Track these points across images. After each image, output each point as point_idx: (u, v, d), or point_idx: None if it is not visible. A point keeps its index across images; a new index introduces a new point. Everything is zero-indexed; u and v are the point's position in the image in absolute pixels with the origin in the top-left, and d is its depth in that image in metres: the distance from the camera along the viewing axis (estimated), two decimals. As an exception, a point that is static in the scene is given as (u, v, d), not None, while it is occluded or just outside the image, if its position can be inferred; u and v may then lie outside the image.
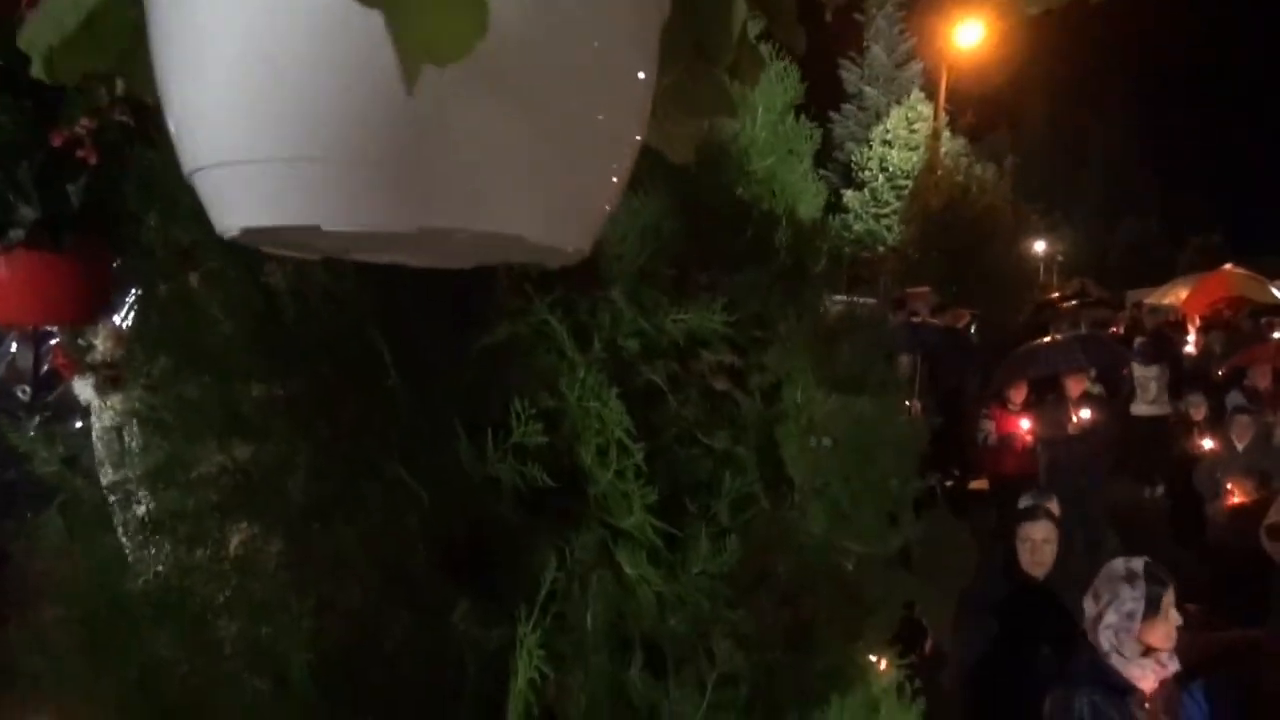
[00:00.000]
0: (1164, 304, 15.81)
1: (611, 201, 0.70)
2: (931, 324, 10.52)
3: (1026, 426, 7.72)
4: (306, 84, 0.56)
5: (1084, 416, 7.54)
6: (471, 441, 1.55)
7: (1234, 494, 6.76)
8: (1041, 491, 5.38)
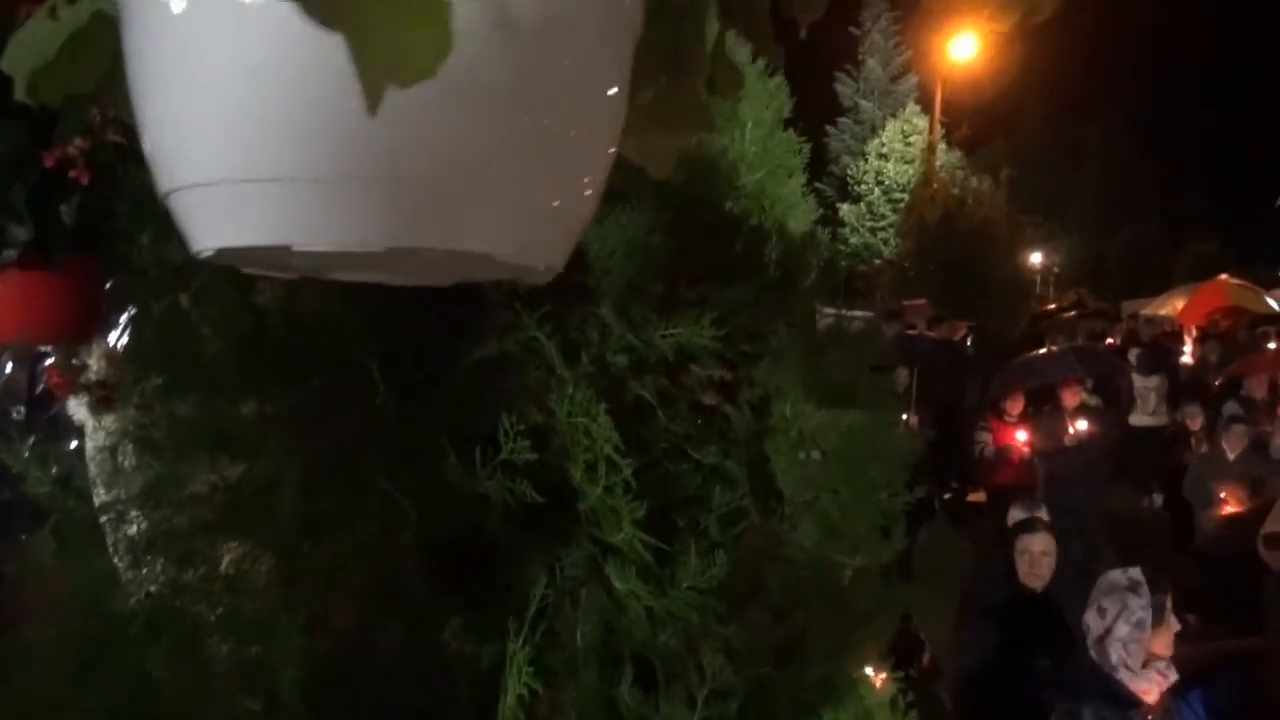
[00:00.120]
0: (1160, 315, 15.81)
1: (584, 218, 0.70)
2: (928, 336, 10.54)
3: (1023, 438, 7.72)
4: (276, 105, 0.57)
5: (1081, 427, 7.54)
6: (460, 458, 1.55)
7: (1228, 502, 6.75)
8: (1033, 501, 5.36)
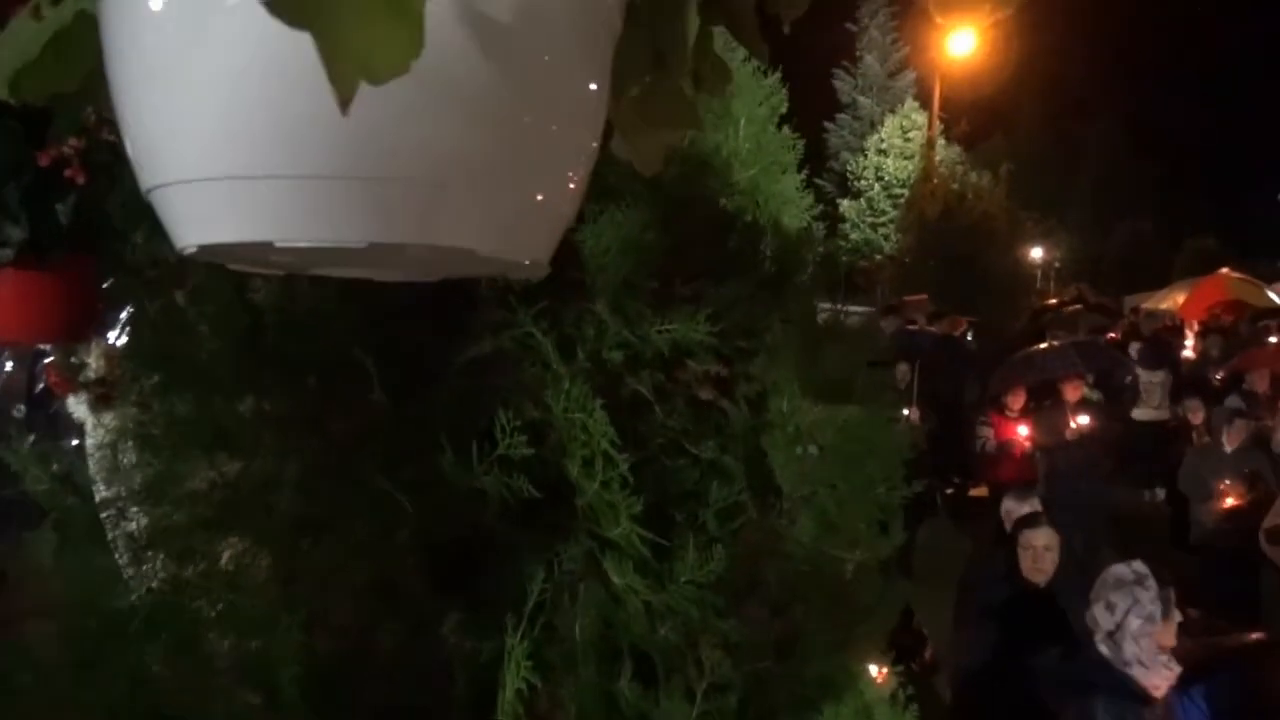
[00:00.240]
0: (1161, 309, 15.81)
1: (568, 213, 0.70)
2: (928, 331, 10.53)
3: (1025, 433, 7.72)
4: (257, 102, 0.57)
5: (1082, 422, 7.54)
6: (458, 454, 1.55)
7: (1228, 496, 6.74)
8: (1026, 492, 5.33)
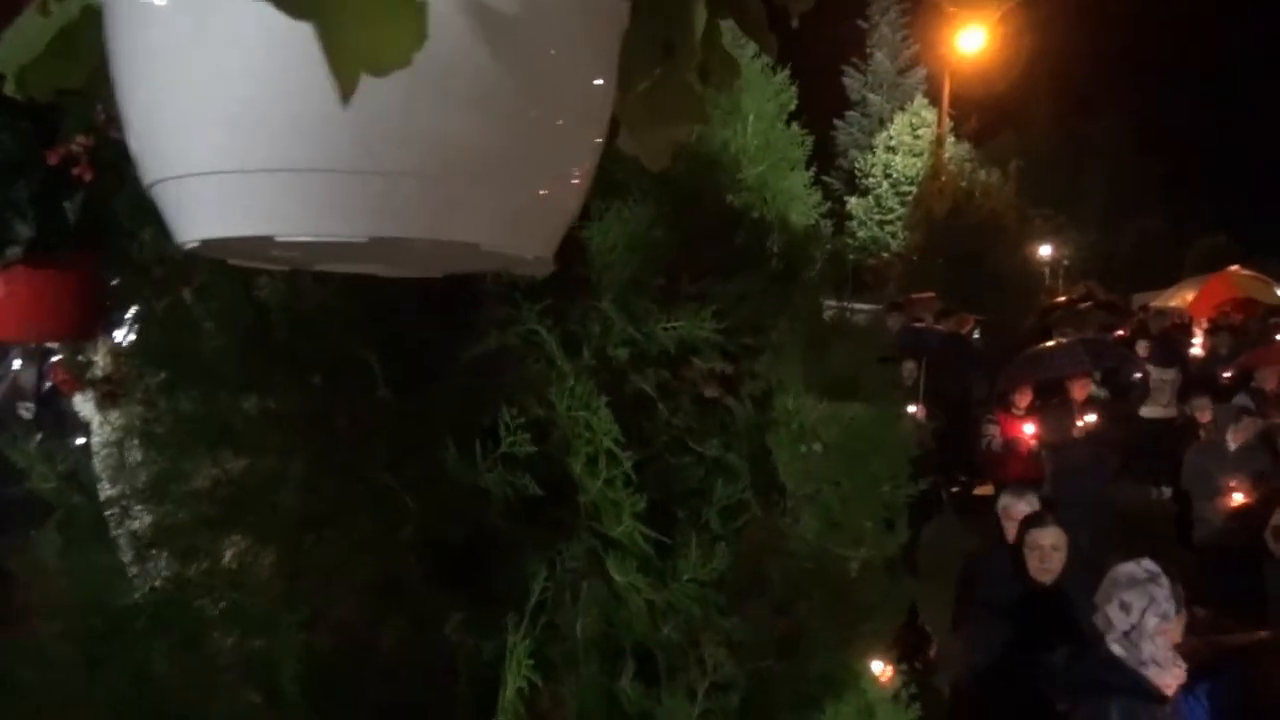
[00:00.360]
0: (1170, 306, 15.75)
1: (573, 208, 0.70)
2: (936, 329, 10.50)
3: (1031, 431, 7.70)
4: (259, 97, 0.57)
5: (1089, 420, 7.52)
6: (461, 451, 1.55)
7: (1234, 494, 6.70)
8: (1023, 487, 5.30)
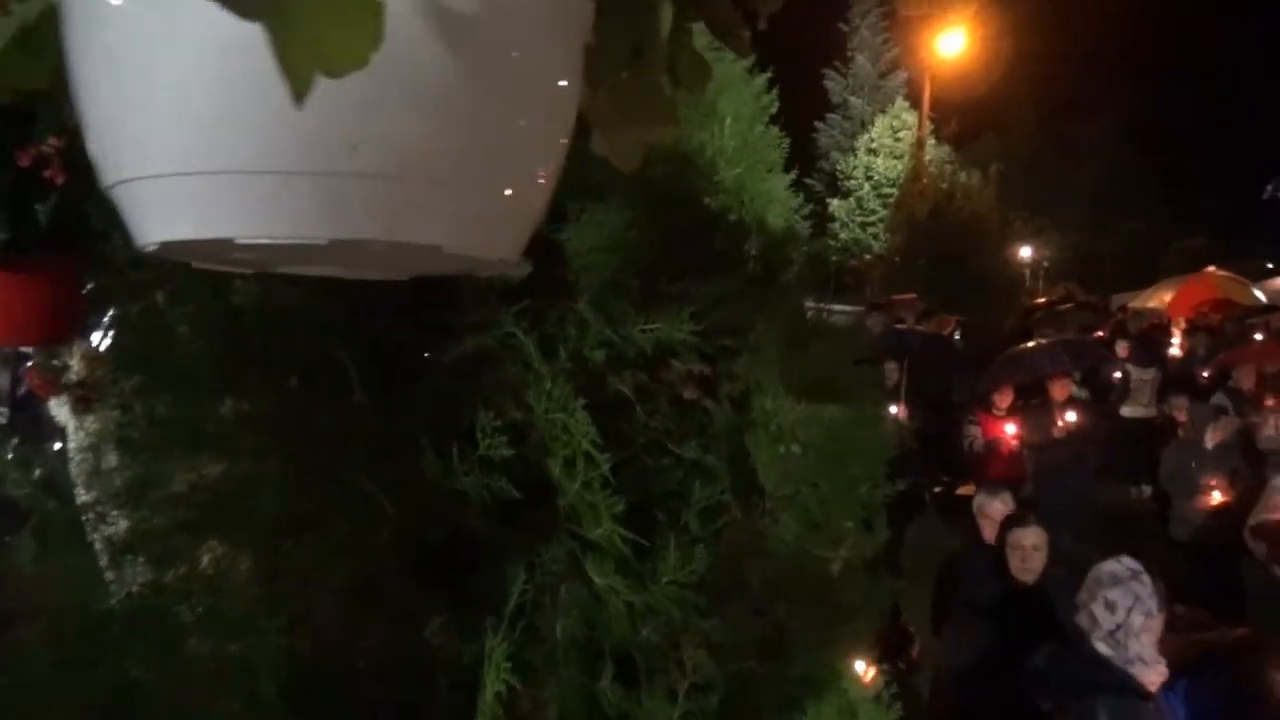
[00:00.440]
0: (1148, 307, 15.87)
1: (537, 209, 0.69)
2: (917, 330, 10.55)
3: (1012, 431, 7.73)
4: (216, 99, 0.56)
5: (1069, 420, 7.56)
6: (439, 455, 1.55)
7: (1212, 492, 6.75)
8: (997, 486, 5.32)
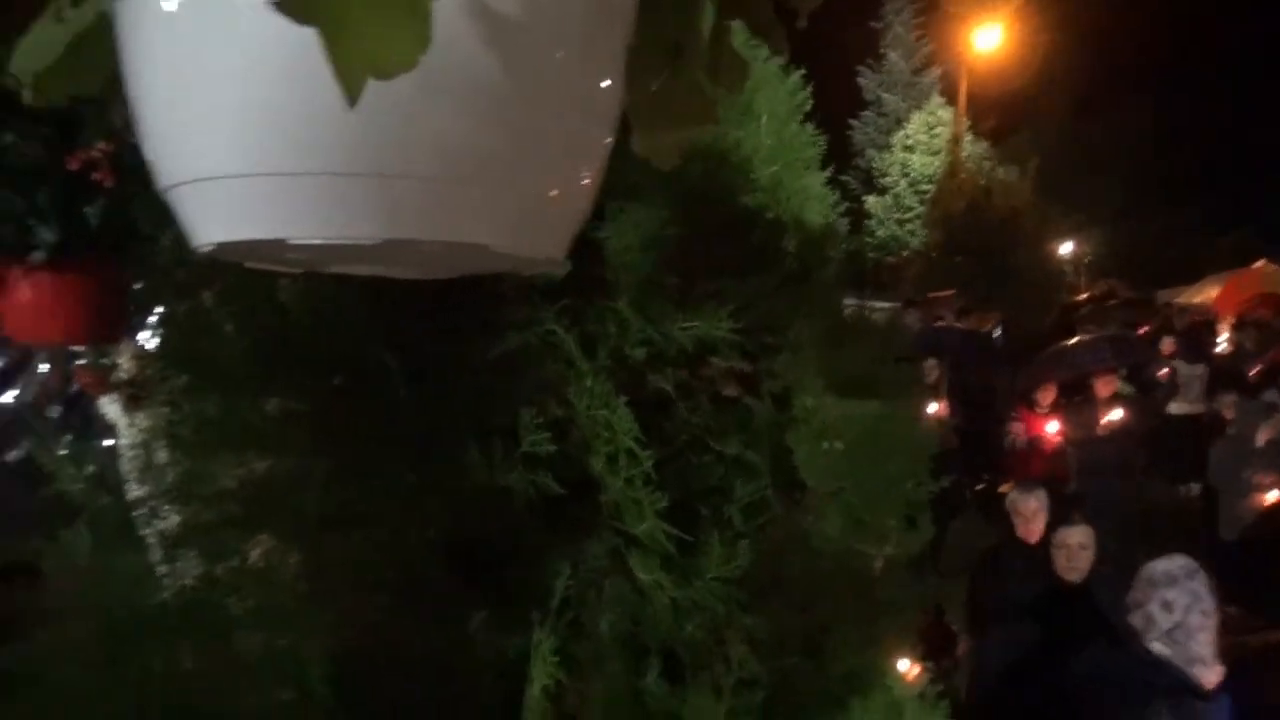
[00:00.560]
0: (1195, 303, 15.58)
1: (583, 209, 0.70)
2: (956, 328, 10.45)
3: (1055, 429, 7.64)
4: (271, 100, 0.57)
5: (1114, 417, 7.46)
6: (482, 451, 1.56)
7: (1267, 490, 6.61)
8: (1031, 483, 5.25)
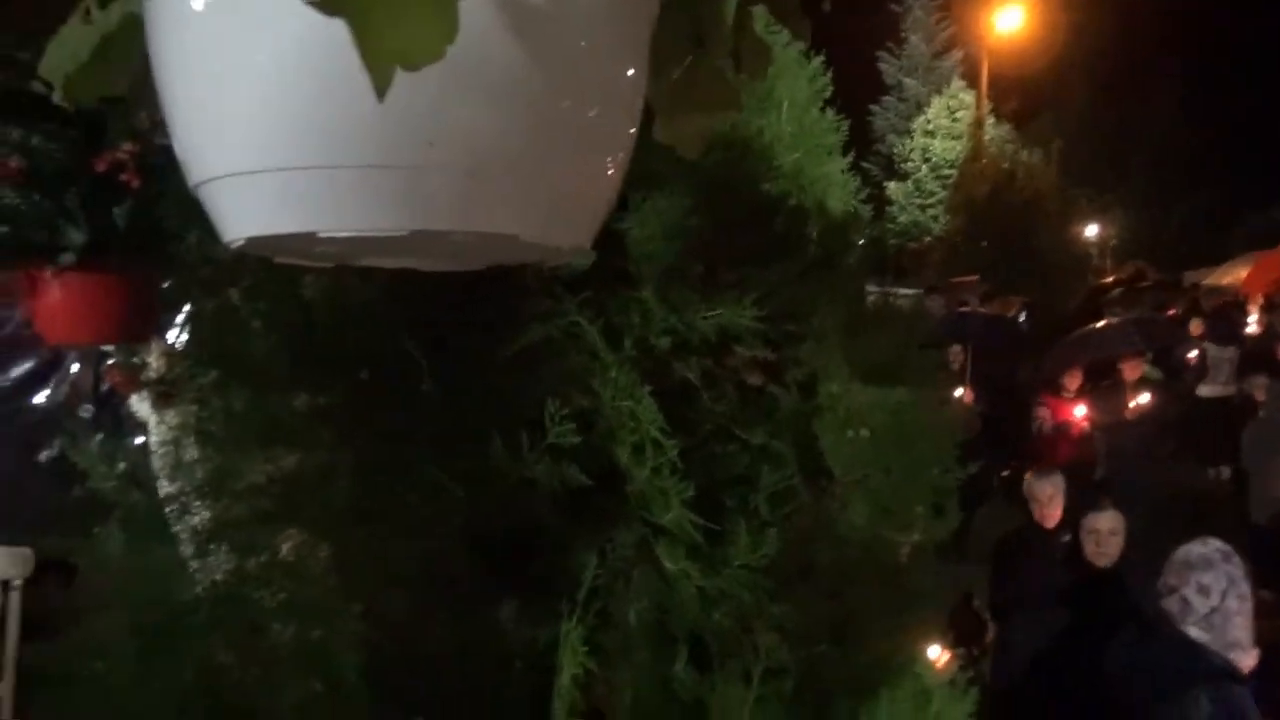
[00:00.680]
0: (1223, 284, 15.37)
1: (609, 197, 0.70)
2: (980, 313, 10.37)
3: (1082, 413, 7.57)
4: (300, 95, 0.58)
5: (1141, 401, 7.38)
6: (508, 443, 1.57)
7: None
8: (1049, 469, 5.19)
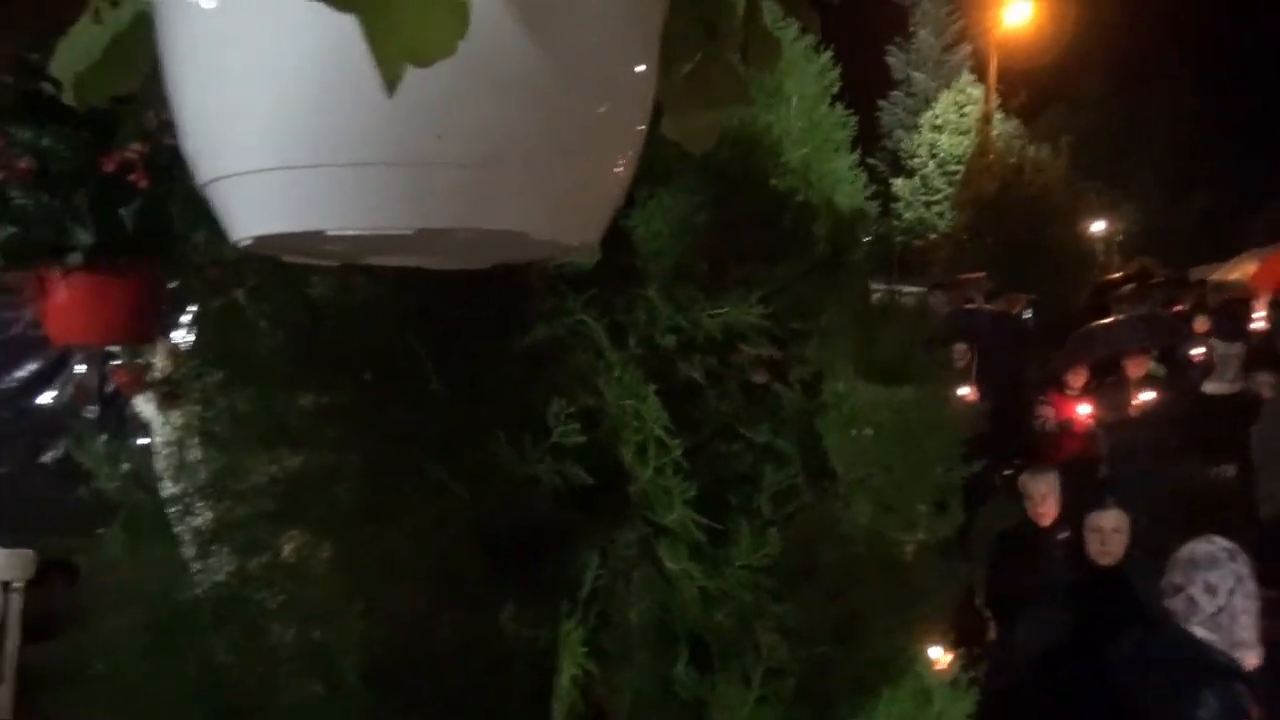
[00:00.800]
0: (1230, 280, 15.31)
1: (617, 194, 0.70)
2: (986, 310, 10.33)
3: (1086, 411, 7.55)
4: (306, 92, 0.58)
5: (1146, 398, 7.36)
6: (512, 442, 1.57)
7: None
8: (1040, 468, 5.18)
